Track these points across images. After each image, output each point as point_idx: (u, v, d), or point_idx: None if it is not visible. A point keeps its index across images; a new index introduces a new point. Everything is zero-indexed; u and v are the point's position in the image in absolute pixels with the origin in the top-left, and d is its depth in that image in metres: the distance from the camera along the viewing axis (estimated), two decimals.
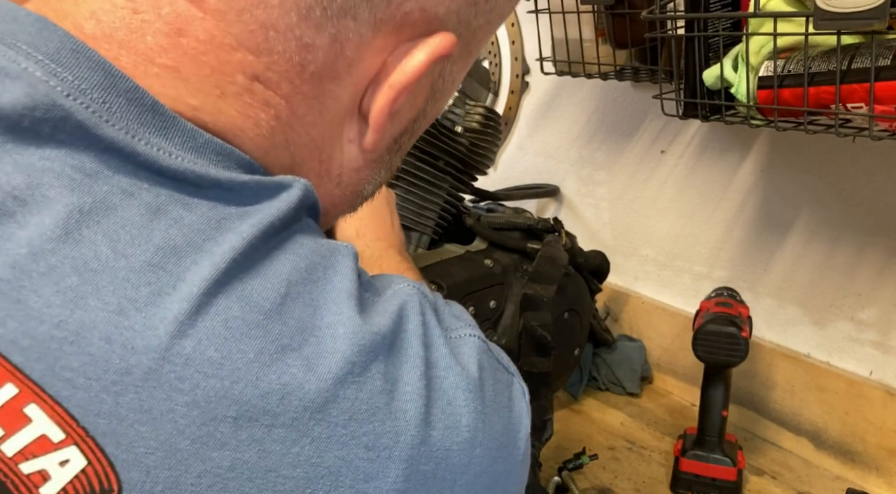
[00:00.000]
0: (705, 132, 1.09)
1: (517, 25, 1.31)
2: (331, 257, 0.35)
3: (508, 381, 0.39)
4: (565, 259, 0.93)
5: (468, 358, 0.36)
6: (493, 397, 0.36)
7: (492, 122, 0.87)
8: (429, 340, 0.35)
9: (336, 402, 0.31)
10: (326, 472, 0.30)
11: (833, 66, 0.70)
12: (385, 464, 0.31)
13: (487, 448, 0.35)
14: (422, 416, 0.32)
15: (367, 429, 0.31)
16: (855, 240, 0.95)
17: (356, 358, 0.32)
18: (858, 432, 0.94)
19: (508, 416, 0.37)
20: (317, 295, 0.33)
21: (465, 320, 0.40)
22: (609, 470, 0.96)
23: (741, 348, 0.87)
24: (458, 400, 0.34)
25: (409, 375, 0.33)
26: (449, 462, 0.33)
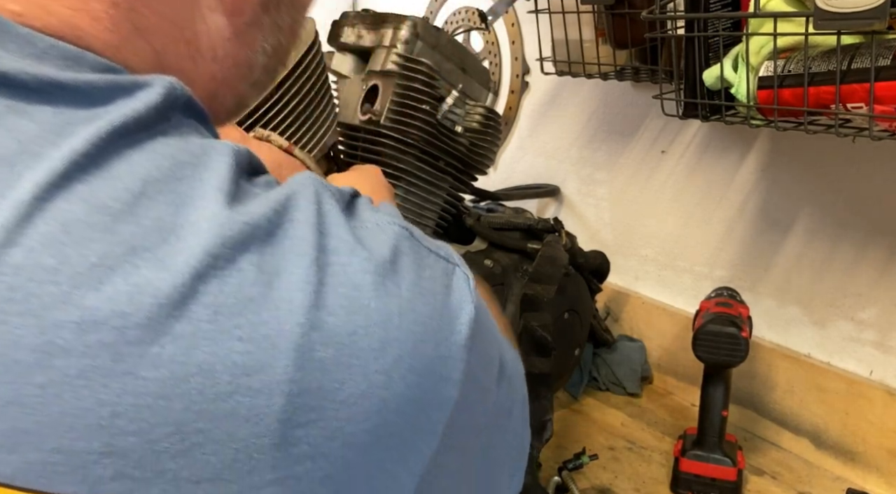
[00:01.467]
0: (705, 132, 1.09)
1: (517, 25, 1.32)
2: (204, 155, 0.32)
3: (446, 269, 0.36)
4: (565, 259, 0.93)
5: (380, 243, 0.33)
6: (414, 281, 0.33)
7: (492, 122, 0.87)
8: (325, 228, 0.32)
9: (196, 297, 0.28)
10: (196, 370, 0.28)
11: (833, 66, 0.70)
12: (269, 355, 0.29)
13: (410, 331, 0.32)
14: (311, 302, 0.30)
15: (239, 322, 0.29)
16: (855, 239, 0.95)
17: (219, 250, 0.29)
18: (859, 432, 0.94)
19: (443, 301, 0.34)
20: (182, 193, 0.30)
21: (386, 211, 0.37)
22: (609, 470, 0.96)
23: (741, 348, 0.87)
24: (365, 284, 0.31)
25: (295, 264, 0.30)
26: (355, 346, 0.30)
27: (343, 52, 0.88)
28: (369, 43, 0.84)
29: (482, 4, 1.34)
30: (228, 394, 0.28)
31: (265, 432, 0.29)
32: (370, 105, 0.81)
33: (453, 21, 1.42)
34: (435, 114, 0.81)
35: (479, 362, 0.36)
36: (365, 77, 0.84)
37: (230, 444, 0.28)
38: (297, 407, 0.29)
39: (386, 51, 0.81)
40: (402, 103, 0.80)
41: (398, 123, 0.80)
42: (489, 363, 0.37)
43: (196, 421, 0.28)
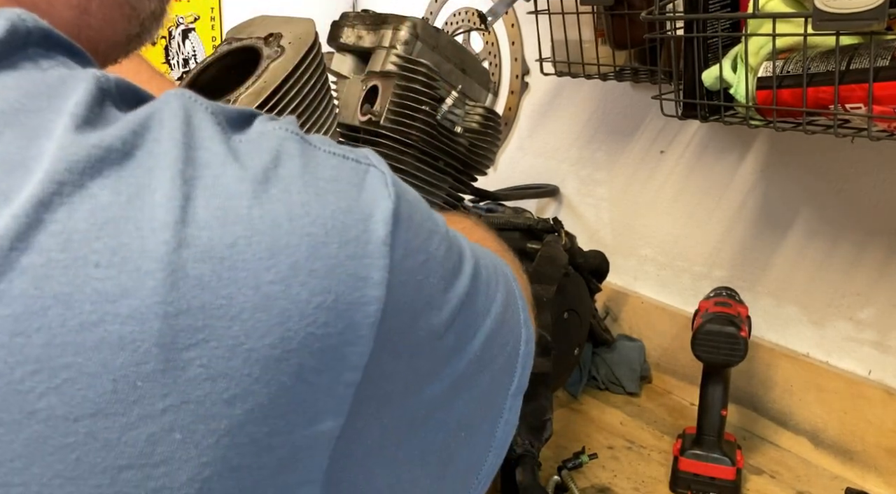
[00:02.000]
0: (704, 132, 1.09)
1: (517, 26, 1.32)
2: (62, 85, 0.30)
3: (355, 168, 0.33)
4: (565, 259, 0.93)
5: (261, 150, 0.31)
6: (306, 182, 0.31)
7: (491, 123, 0.87)
8: (193, 142, 0.30)
9: (43, 228, 0.27)
10: (53, 302, 0.26)
11: (832, 67, 0.70)
12: (133, 278, 0.27)
13: (305, 233, 0.30)
14: (176, 218, 0.28)
15: (95, 247, 0.27)
16: (854, 239, 0.95)
17: (63, 176, 0.27)
18: (857, 431, 0.94)
19: (349, 200, 0.31)
20: (35, 125, 0.28)
21: (278, 122, 0.34)
22: (608, 470, 0.96)
23: (740, 348, 0.87)
24: (242, 192, 0.29)
25: (158, 181, 0.28)
26: (237, 258, 0.28)
27: (343, 53, 0.88)
28: (369, 44, 0.84)
29: (482, 5, 1.34)
30: (94, 324, 0.27)
31: (145, 358, 0.27)
32: (370, 105, 0.81)
33: (453, 22, 1.42)
34: (434, 115, 0.81)
35: (412, 259, 0.33)
36: (364, 78, 0.84)
37: (106, 375, 0.27)
38: (179, 329, 0.27)
39: (385, 51, 0.82)
40: (402, 104, 0.80)
41: (398, 124, 0.80)
42: (431, 260, 0.35)
43: (61, 356, 0.26)
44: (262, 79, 0.72)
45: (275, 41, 0.76)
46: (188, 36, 1.75)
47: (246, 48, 0.79)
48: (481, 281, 0.39)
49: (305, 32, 0.77)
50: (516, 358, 0.43)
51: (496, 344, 0.41)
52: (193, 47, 1.76)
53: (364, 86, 0.83)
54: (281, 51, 0.74)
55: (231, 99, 0.72)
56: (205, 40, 1.73)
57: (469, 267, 0.38)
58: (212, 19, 1.71)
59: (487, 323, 0.39)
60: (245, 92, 0.71)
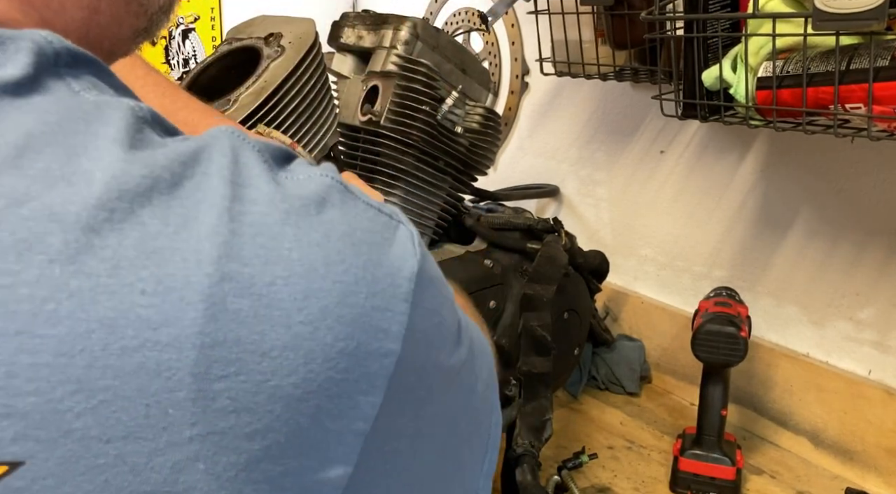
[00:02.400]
0: (704, 132, 1.09)
1: (517, 26, 1.32)
2: (97, 110, 0.30)
3: (388, 223, 0.34)
4: (565, 259, 0.93)
5: (307, 193, 0.32)
6: (345, 232, 0.32)
7: (491, 123, 0.88)
8: (241, 180, 0.31)
9: (93, 252, 0.27)
10: (97, 325, 0.27)
11: (832, 67, 0.70)
12: (176, 307, 0.28)
13: (336, 281, 0.30)
14: (221, 253, 0.29)
15: (142, 275, 0.28)
16: (854, 239, 0.95)
17: (114, 203, 0.28)
18: (857, 431, 0.94)
19: (379, 253, 0.33)
20: (74, 145, 0.29)
21: (322, 167, 0.35)
22: (608, 469, 0.96)
23: (740, 348, 0.87)
24: (285, 234, 0.30)
25: (205, 215, 0.29)
26: (274, 297, 0.29)
27: (343, 53, 0.88)
28: (369, 44, 0.84)
29: (482, 5, 1.34)
30: (135, 349, 0.27)
31: (178, 386, 0.28)
32: (370, 105, 0.81)
33: (453, 22, 1.42)
34: (435, 115, 0.81)
35: (428, 320, 0.34)
36: (365, 78, 0.84)
37: (140, 400, 0.27)
38: (213, 360, 0.28)
39: (386, 51, 0.82)
40: (402, 104, 0.80)
41: (398, 124, 0.81)
42: (442, 324, 0.36)
43: (101, 378, 0.27)
44: (262, 78, 0.72)
45: (275, 41, 0.76)
46: (188, 36, 1.75)
47: (246, 48, 0.79)
48: (475, 356, 0.40)
49: (306, 32, 0.77)
50: (487, 439, 0.44)
51: (475, 420, 0.42)
52: (193, 47, 1.76)
53: (364, 86, 0.83)
54: (281, 50, 0.74)
55: (232, 98, 0.72)
56: (205, 40, 1.73)
57: (467, 340, 0.39)
58: (212, 19, 1.71)
59: (474, 398, 0.41)
60: (245, 91, 0.71)
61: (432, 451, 0.38)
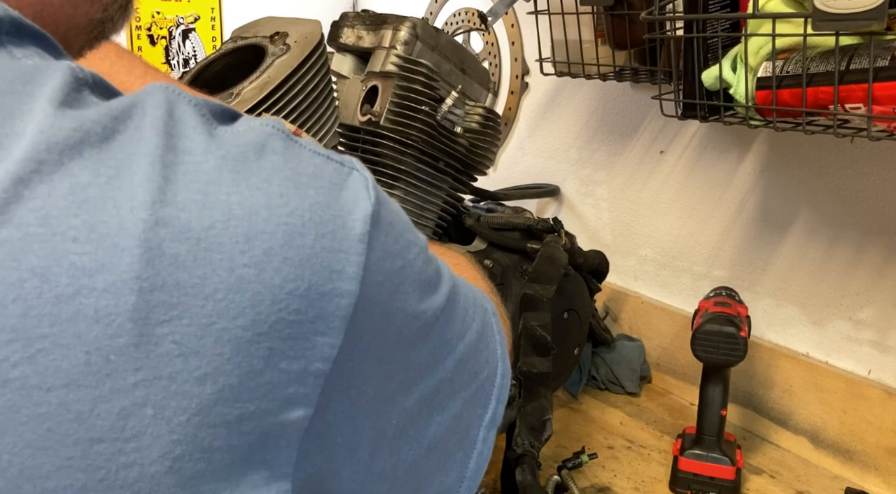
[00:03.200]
0: (704, 132, 1.09)
1: (517, 26, 1.32)
2: (37, 72, 0.31)
3: (338, 170, 0.34)
4: (565, 259, 0.93)
5: (243, 141, 0.32)
6: (287, 176, 0.32)
7: (491, 123, 0.88)
8: (175, 130, 0.31)
9: (22, 202, 0.27)
10: (30, 274, 0.27)
11: (831, 67, 0.70)
12: (110, 253, 0.28)
13: (280, 222, 0.30)
14: (155, 198, 0.29)
15: (73, 223, 0.28)
16: (853, 239, 0.95)
17: (44, 155, 0.28)
18: (857, 431, 0.94)
19: (332, 195, 0.32)
20: (10, 106, 0.29)
21: (265, 119, 0.35)
22: (608, 469, 0.96)
23: (740, 347, 0.87)
24: (223, 180, 0.30)
25: (138, 164, 0.29)
26: (214, 240, 0.29)
27: (343, 53, 0.88)
28: (369, 44, 0.84)
29: (482, 5, 1.35)
30: (70, 296, 0.27)
31: (119, 332, 0.28)
32: (370, 106, 0.81)
33: (453, 22, 1.42)
34: (434, 115, 0.82)
35: (389, 263, 0.34)
36: (365, 78, 0.84)
37: (80, 347, 0.27)
38: (154, 305, 0.28)
39: (385, 52, 0.82)
40: (402, 104, 0.80)
41: (398, 124, 0.81)
42: (407, 268, 0.35)
43: (37, 326, 0.27)
44: (266, 73, 0.72)
45: (280, 39, 0.76)
46: (188, 36, 1.75)
47: (251, 46, 0.79)
48: (458, 305, 0.40)
49: (312, 32, 0.77)
50: (491, 389, 0.43)
51: (468, 371, 0.41)
52: (194, 47, 1.76)
53: (364, 86, 0.84)
54: (286, 48, 0.74)
55: (235, 92, 0.72)
56: (205, 40, 1.73)
57: (446, 288, 0.39)
58: (212, 19, 1.71)
59: (461, 347, 0.40)
60: (249, 85, 0.71)
61: (409, 397, 0.37)
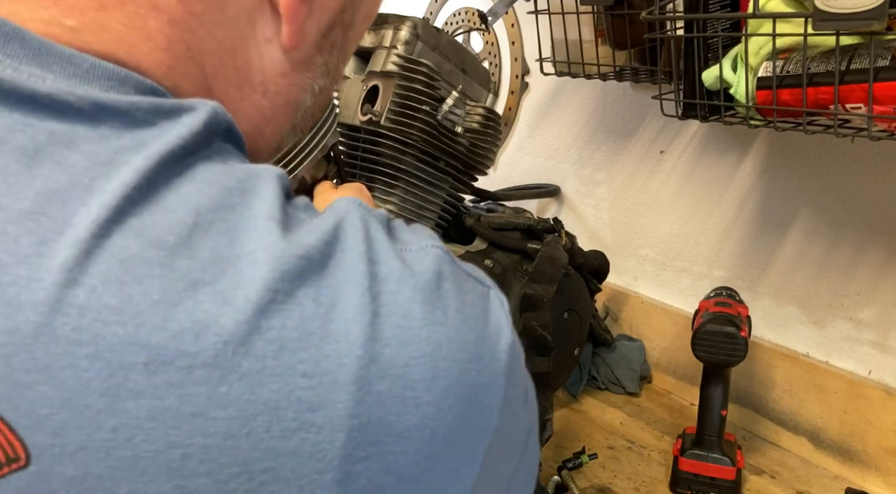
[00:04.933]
0: (704, 132, 1.09)
1: (517, 26, 1.32)
2: (249, 181, 0.32)
3: (483, 293, 0.35)
4: (565, 259, 0.93)
5: (426, 268, 0.33)
6: (458, 307, 0.33)
7: (492, 123, 0.87)
8: (374, 256, 0.32)
9: (260, 333, 0.28)
10: (263, 408, 0.28)
11: (832, 67, 0.70)
12: (330, 390, 0.28)
13: (455, 360, 0.31)
14: (367, 334, 0.29)
15: (302, 357, 0.28)
16: (854, 239, 0.95)
17: (278, 285, 0.29)
18: (857, 431, 0.94)
19: (483, 327, 0.33)
20: (234, 223, 0.30)
21: (424, 234, 0.36)
22: (608, 469, 0.96)
23: (740, 348, 0.87)
24: (415, 313, 0.31)
25: (350, 294, 0.30)
26: (408, 378, 0.30)
27: None
28: (369, 43, 0.84)
29: (482, 5, 1.34)
30: (293, 431, 0.28)
31: (328, 468, 0.28)
32: (370, 105, 0.81)
33: (453, 22, 1.42)
34: (435, 115, 0.81)
35: (514, 388, 0.35)
36: (365, 77, 0.84)
37: (295, 481, 0.28)
38: (358, 442, 0.29)
39: (386, 51, 0.82)
40: (403, 104, 0.80)
41: (398, 124, 0.80)
42: (519, 387, 0.36)
43: (263, 460, 0.28)
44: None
45: None
46: None
47: None
48: (533, 409, 0.41)
49: None
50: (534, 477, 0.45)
51: (532, 473, 0.42)
52: None
53: (365, 85, 0.83)
54: None
55: None
56: None
57: (531, 397, 0.40)
58: None
59: (535, 455, 0.41)
60: None
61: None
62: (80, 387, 0.27)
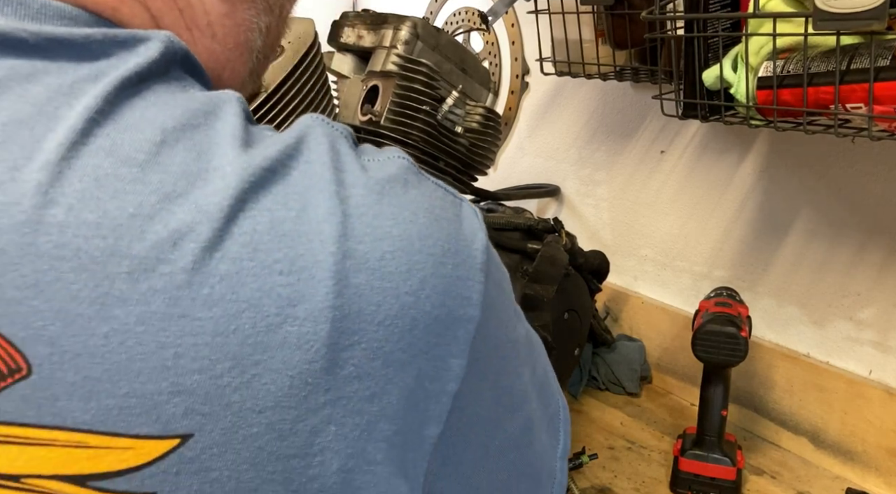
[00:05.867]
0: (705, 132, 1.09)
1: (517, 26, 1.32)
2: (212, 103, 0.34)
3: (454, 202, 0.37)
4: (565, 259, 0.93)
5: (391, 175, 0.35)
6: (428, 209, 0.35)
7: (492, 123, 0.87)
8: (340, 165, 0.34)
9: (233, 238, 0.30)
10: (246, 306, 0.30)
11: (832, 67, 0.70)
12: (309, 285, 0.30)
13: (430, 253, 0.33)
14: (340, 232, 0.31)
15: (277, 257, 0.30)
16: (854, 239, 0.95)
17: (247, 195, 0.31)
18: (858, 432, 0.94)
19: (456, 229, 0.35)
20: (200, 140, 0.32)
21: (392, 150, 0.38)
22: (609, 470, 0.96)
23: (741, 348, 0.87)
24: (384, 213, 0.33)
25: (319, 198, 0.32)
26: (384, 270, 0.32)
27: (343, 53, 0.88)
28: (369, 43, 0.84)
29: (482, 5, 1.34)
30: (278, 325, 0.30)
31: (316, 357, 0.30)
32: (370, 105, 0.81)
33: (453, 21, 1.42)
34: (435, 115, 0.81)
35: (496, 290, 0.37)
36: (365, 77, 0.84)
37: (286, 372, 0.30)
38: (342, 331, 0.31)
39: (386, 51, 0.81)
40: (403, 104, 0.80)
41: (398, 124, 0.80)
42: (505, 295, 0.38)
43: (252, 354, 0.30)
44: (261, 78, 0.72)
45: None
46: None
47: None
48: (532, 336, 0.44)
49: (305, 32, 0.77)
50: (558, 421, 0.46)
51: (546, 400, 0.44)
52: None
53: (364, 85, 0.83)
54: (280, 50, 0.74)
55: None
56: None
57: (523, 319, 0.42)
58: None
59: (539, 375, 0.43)
60: None
61: (512, 422, 0.40)
62: (70, 298, 0.28)
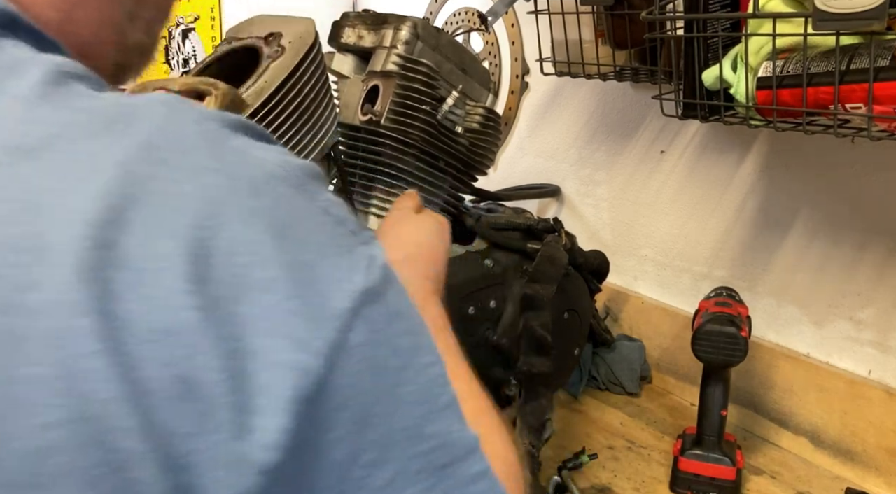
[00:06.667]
0: (705, 132, 1.09)
1: (517, 26, 1.32)
2: (16, 65, 0.32)
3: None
4: (565, 259, 0.93)
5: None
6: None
7: (492, 123, 0.87)
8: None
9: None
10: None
11: (832, 67, 0.70)
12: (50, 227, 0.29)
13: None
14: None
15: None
16: (854, 239, 0.95)
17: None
18: (857, 432, 0.94)
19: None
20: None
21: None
22: (608, 470, 0.96)
23: (740, 348, 0.87)
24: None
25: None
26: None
27: (343, 53, 0.88)
28: (370, 43, 0.84)
29: (482, 5, 1.34)
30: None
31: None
32: (371, 105, 0.81)
33: (453, 22, 1.42)
34: (435, 115, 0.81)
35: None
36: (365, 77, 0.84)
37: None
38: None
39: (386, 51, 0.81)
40: (403, 104, 0.80)
41: (398, 124, 0.80)
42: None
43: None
44: (262, 78, 0.72)
45: (275, 41, 0.76)
46: (188, 36, 1.75)
47: (246, 48, 0.79)
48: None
49: (305, 32, 0.77)
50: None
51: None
52: (193, 47, 1.76)
53: (365, 85, 0.83)
54: (281, 50, 0.74)
55: None
56: (205, 40, 1.73)
57: None
58: (212, 19, 1.71)
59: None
60: (246, 91, 0.71)
61: None
62: None
